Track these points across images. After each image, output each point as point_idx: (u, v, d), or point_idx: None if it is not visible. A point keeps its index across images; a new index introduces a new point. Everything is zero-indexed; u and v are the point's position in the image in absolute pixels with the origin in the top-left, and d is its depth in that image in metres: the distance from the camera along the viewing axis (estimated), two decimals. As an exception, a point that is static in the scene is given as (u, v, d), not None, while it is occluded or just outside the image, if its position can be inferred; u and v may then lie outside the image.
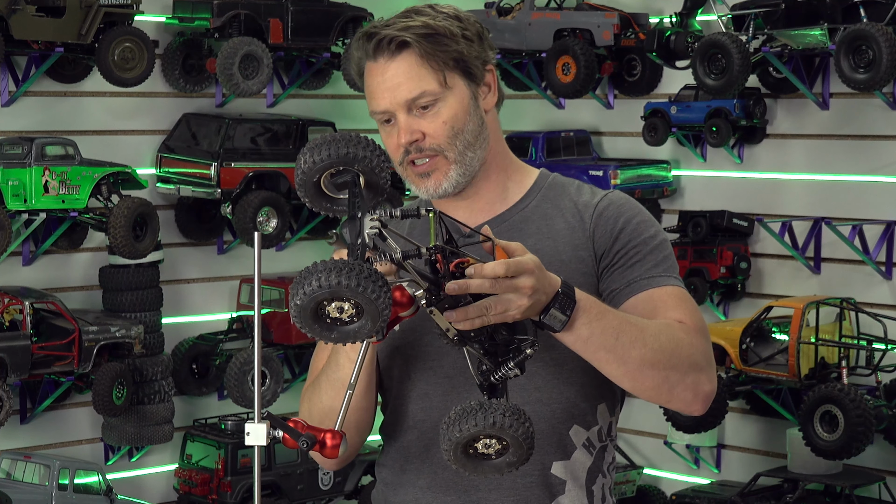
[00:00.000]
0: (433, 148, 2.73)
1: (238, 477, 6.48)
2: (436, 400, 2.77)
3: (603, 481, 2.83)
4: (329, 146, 2.27)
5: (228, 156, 6.58)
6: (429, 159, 2.74)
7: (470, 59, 2.74)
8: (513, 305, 2.33)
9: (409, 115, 2.72)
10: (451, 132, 2.73)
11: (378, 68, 2.72)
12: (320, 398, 2.75)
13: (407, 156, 2.73)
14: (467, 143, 2.75)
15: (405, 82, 2.70)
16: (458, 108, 2.73)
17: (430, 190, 2.76)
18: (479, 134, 2.77)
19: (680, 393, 2.62)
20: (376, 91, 2.73)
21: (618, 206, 2.81)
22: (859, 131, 6.37)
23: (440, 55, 2.70)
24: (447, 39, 2.71)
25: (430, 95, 2.71)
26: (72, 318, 6.01)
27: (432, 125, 2.72)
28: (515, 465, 2.33)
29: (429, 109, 2.72)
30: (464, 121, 2.74)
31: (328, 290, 2.10)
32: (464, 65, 2.74)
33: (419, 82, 2.70)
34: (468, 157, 2.76)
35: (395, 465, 2.85)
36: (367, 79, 2.76)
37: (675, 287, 2.73)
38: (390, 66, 2.71)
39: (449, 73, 2.72)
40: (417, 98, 2.70)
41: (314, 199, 2.35)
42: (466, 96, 2.75)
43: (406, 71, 2.70)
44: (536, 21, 6.96)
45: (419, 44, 2.69)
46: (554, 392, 2.74)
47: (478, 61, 2.76)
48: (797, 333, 6.02)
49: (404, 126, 2.71)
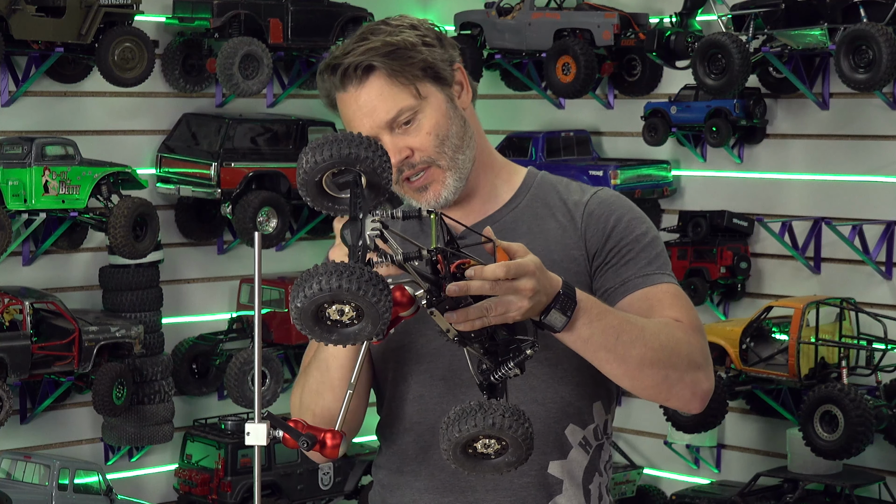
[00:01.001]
0: (425, 160, 2.73)
1: (238, 477, 6.48)
2: (432, 401, 2.77)
3: (600, 480, 2.83)
4: (332, 146, 2.27)
5: (228, 156, 6.58)
6: (423, 172, 2.74)
7: (436, 64, 2.74)
8: (513, 307, 2.33)
9: (393, 135, 2.72)
10: (437, 141, 2.73)
11: (350, 97, 2.72)
12: (310, 388, 2.78)
13: (401, 174, 2.74)
14: (455, 147, 2.75)
15: (380, 104, 2.70)
16: (437, 116, 2.74)
17: (430, 202, 2.76)
18: (465, 134, 2.78)
19: (679, 391, 2.63)
20: (354, 119, 2.73)
21: (608, 204, 2.81)
22: (859, 131, 6.37)
23: (407, 69, 2.70)
24: (409, 51, 2.71)
25: (408, 110, 2.71)
26: (72, 318, 6.01)
27: (417, 139, 2.72)
28: (515, 465, 2.33)
29: (411, 124, 2.72)
30: (446, 126, 2.74)
31: (329, 294, 2.10)
32: (432, 71, 2.74)
33: (394, 101, 2.70)
34: (460, 161, 2.76)
35: (393, 466, 2.85)
36: (342, 109, 2.76)
37: (670, 284, 2.74)
38: (362, 93, 2.71)
39: (420, 84, 2.72)
40: (396, 116, 2.70)
41: (315, 199, 2.35)
42: (442, 101, 2.75)
43: (378, 93, 2.70)
44: (536, 21, 6.95)
45: (384, 63, 2.69)
46: (549, 391, 2.75)
47: (444, 64, 2.76)
48: (797, 333, 6.02)
49: (391, 146, 2.71)
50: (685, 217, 6.72)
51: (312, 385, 2.77)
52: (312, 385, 2.77)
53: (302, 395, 2.80)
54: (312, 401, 2.76)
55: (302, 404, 2.79)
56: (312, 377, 2.77)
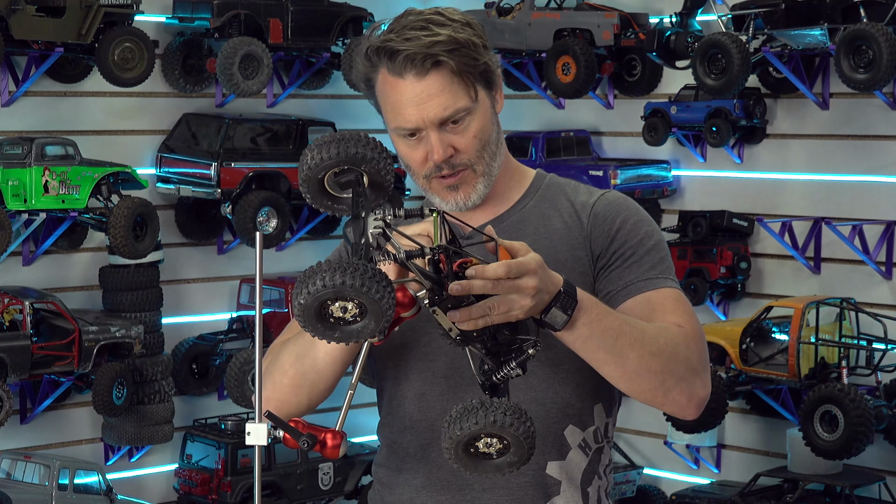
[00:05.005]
0: (464, 163, 2.70)
1: (238, 477, 6.48)
2: (433, 400, 2.77)
3: (599, 483, 2.82)
4: (338, 144, 2.26)
5: (228, 156, 6.58)
6: (459, 173, 2.72)
7: (493, 69, 2.71)
8: (516, 305, 2.33)
9: (440, 132, 2.67)
10: (480, 145, 2.70)
11: (406, 85, 2.65)
12: (283, 366, 2.71)
13: (438, 171, 2.70)
14: (492, 154, 2.73)
15: (439, 100, 2.64)
16: (484, 121, 2.71)
17: (458, 202, 2.73)
18: (499, 141, 2.77)
19: (675, 397, 2.62)
20: (404, 107, 2.66)
21: (615, 206, 2.80)
22: (859, 131, 6.37)
23: (471, 70, 2.66)
24: (473, 52, 2.66)
25: (463, 111, 2.67)
26: (72, 318, 6.01)
27: (463, 140, 2.68)
28: (516, 465, 2.33)
29: (459, 124, 2.68)
30: (489, 131, 2.72)
31: (332, 290, 2.09)
32: (487, 75, 2.71)
33: (453, 99, 2.65)
34: (493, 168, 2.75)
35: (392, 464, 2.85)
36: (389, 94, 2.68)
37: (672, 289, 2.72)
38: (421, 84, 2.64)
39: (478, 86, 2.69)
40: (452, 115, 2.66)
41: (316, 197, 2.34)
42: (489, 106, 2.73)
43: (439, 88, 2.64)
44: (536, 21, 6.95)
45: (452, 60, 2.63)
46: (549, 392, 2.74)
47: (497, 69, 2.74)
48: (797, 333, 6.02)
49: (438, 143, 2.66)
50: (685, 217, 6.72)
51: (288, 357, 2.70)
52: (288, 357, 2.70)
53: (279, 357, 2.73)
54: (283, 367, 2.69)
55: (275, 363, 2.72)
56: (289, 351, 2.71)
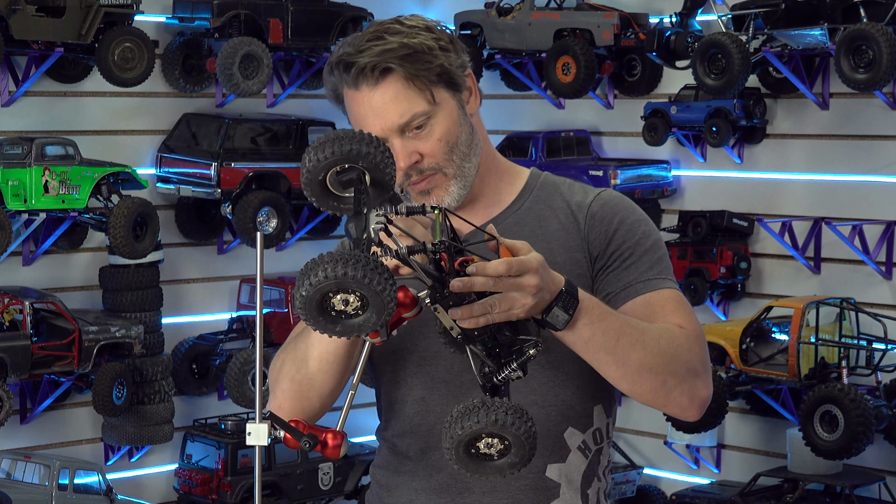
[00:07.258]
0: (432, 167, 2.70)
1: (238, 477, 6.48)
2: (434, 404, 2.76)
3: (598, 485, 2.82)
4: (334, 143, 2.26)
5: (228, 156, 6.58)
6: (428, 178, 2.72)
7: (452, 70, 2.70)
8: (517, 304, 2.32)
9: (403, 139, 2.68)
10: (446, 148, 2.70)
11: (363, 97, 2.67)
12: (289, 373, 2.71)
13: (408, 179, 2.71)
14: (463, 155, 2.73)
15: (394, 108, 2.65)
16: (449, 123, 2.70)
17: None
18: (472, 142, 2.75)
19: (676, 398, 2.61)
20: (365, 119, 2.68)
21: (612, 206, 2.79)
22: (859, 131, 6.37)
23: (424, 73, 2.66)
24: (426, 56, 2.66)
25: (422, 116, 2.67)
26: (72, 318, 6.01)
27: (428, 144, 2.69)
28: (518, 467, 2.32)
29: (422, 129, 2.68)
30: (457, 133, 2.71)
31: (334, 281, 2.09)
32: (447, 77, 2.70)
33: (408, 105, 2.66)
34: (466, 169, 2.74)
35: (391, 466, 2.85)
36: (351, 106, 2.71)
37: (672, 290, 2.72)
38: (376, 94, 2.66)
39: (435, 89, 2.68)
40: (410, 121, 2.66)
41: (320, 198, 2.34)
42: (454, 108, 2.72)
43: (393, 96, 2.65)
44: (536, 21, 6.95)
45: (402, 66, 2.64)
46: (549, 394, 2.74)
47: (459, 70, 2.72)
48: (797, 333, 6.02)
49: (401, 151, 2.67)
50: (685, 217, 6.72)
51: (299, 354, 2.71)
52: (299, 354, 2.71)
53: (283, 365, 2.73)
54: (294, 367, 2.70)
55: (281, 371, 2.72)
56: (299, 349, 2.71)
